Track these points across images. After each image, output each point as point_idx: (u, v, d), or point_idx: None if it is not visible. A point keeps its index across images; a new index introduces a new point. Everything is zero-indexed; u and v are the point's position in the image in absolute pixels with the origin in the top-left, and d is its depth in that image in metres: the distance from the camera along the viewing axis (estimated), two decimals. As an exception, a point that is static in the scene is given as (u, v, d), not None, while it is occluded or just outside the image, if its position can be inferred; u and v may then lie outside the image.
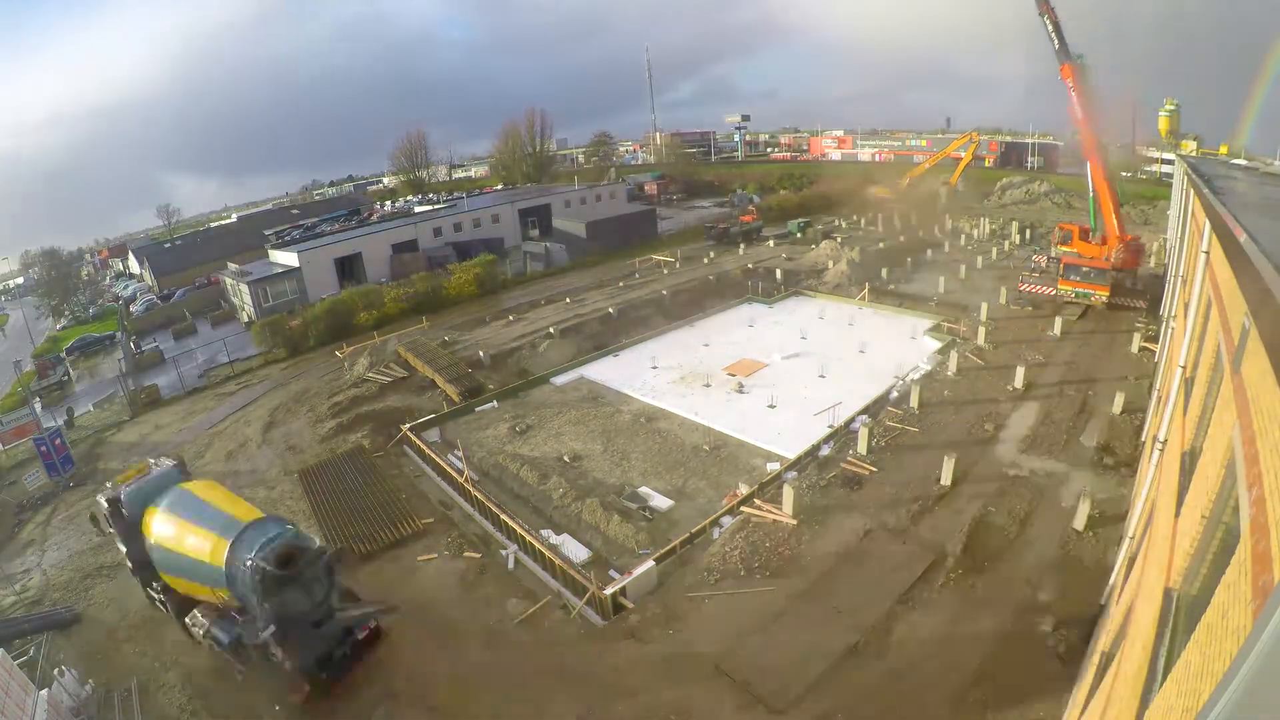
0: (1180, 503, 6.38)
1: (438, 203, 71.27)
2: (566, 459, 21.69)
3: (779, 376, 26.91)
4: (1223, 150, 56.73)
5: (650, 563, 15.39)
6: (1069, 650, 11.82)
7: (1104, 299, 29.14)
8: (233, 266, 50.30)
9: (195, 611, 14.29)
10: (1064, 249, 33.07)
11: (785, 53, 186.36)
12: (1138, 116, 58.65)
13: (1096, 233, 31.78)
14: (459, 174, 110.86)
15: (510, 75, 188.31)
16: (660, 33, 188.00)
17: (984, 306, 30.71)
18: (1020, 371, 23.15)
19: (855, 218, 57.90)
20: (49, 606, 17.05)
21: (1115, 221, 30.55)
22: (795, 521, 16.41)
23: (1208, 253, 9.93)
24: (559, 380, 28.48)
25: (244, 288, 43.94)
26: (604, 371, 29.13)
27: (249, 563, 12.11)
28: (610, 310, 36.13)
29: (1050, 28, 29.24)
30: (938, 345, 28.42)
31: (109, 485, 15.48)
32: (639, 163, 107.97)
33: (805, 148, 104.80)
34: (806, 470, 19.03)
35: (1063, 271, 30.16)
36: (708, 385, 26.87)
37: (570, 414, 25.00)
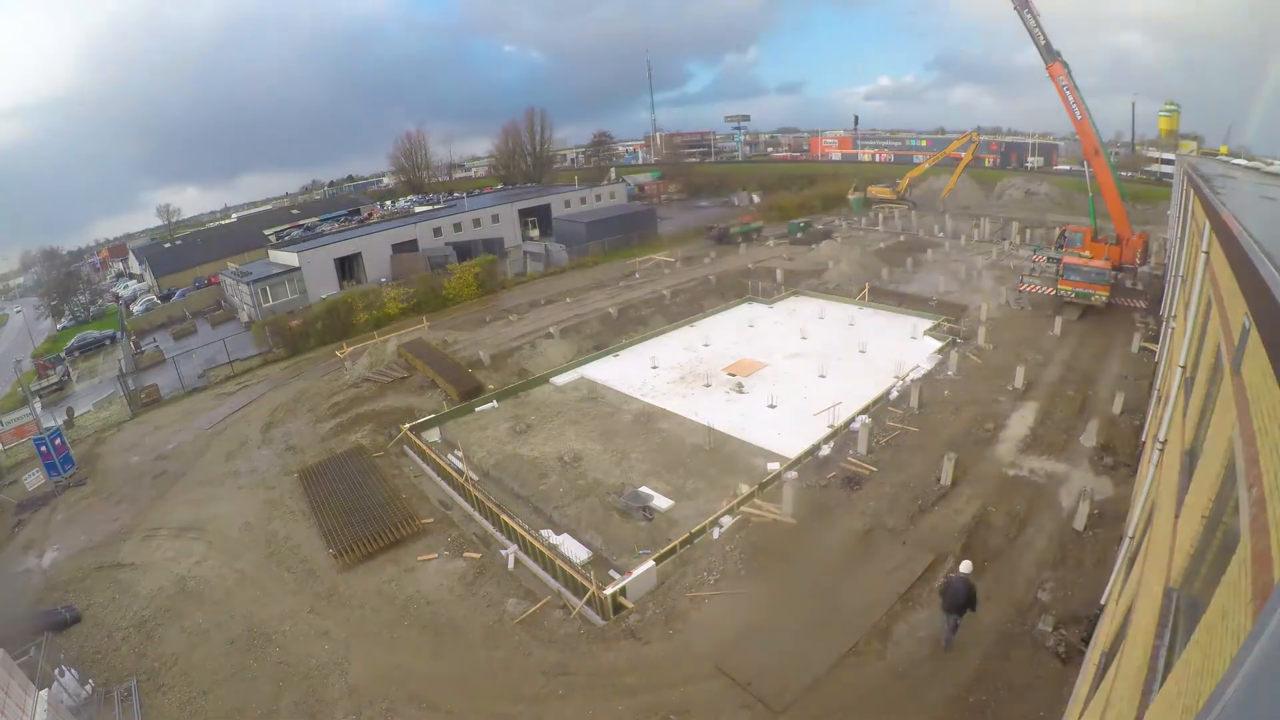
0: (1180, 503, 6.37)
1: (437, 203, 71.34)
2: (566, 459, 21.67)
3: (779, 376, 26.89)
4: (1223, 151, 56.74)
5: (650, 563, 15.38)
6: (1069, 650, 11.83)
7: (1104, 299, 29.16)
8: (233, 266, 50.36)
9: None
10: (1073, 252, 32.86)
11: (810, 39, 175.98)
12: (1136, 116, 58.80)
13: (1098, 234, 31.80)
14: (459, 174, 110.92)
15: (505, 67, 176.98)
16: (669, 18, 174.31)
17: (984, 306, 30.71)
18: (1020, 371, 23.17)
19: (855, 217, 58.11)
20: (49, 606, 17.04)
21: (1125, 221, 30.56)
22: (795, 521, 16.41)
23: (1208, 253, 9.92)
24: (559, 380, 28.47)
25: (244, 288, 43.96)
26: (604, 371, 29.13)
27: None
28: (610, 310, 36.13)
29: (1032, 24, 29.11)
30: (938, 345, 28.42)
31: None
32: (639, 163, 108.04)
33: (805, 148, 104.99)
34: (806, 470, 19.05)
35: (1062, 271, 30.17)
36: (708, 385, 26.86)
37: (570, 414, 24.99)
